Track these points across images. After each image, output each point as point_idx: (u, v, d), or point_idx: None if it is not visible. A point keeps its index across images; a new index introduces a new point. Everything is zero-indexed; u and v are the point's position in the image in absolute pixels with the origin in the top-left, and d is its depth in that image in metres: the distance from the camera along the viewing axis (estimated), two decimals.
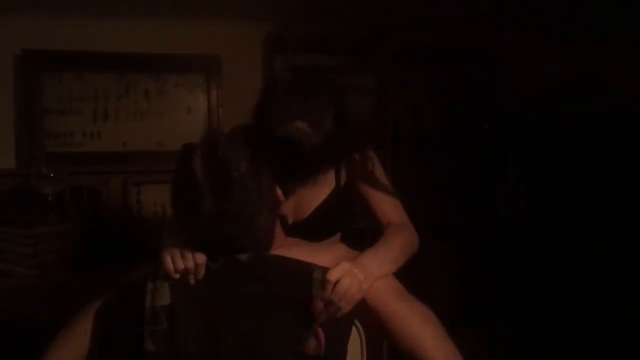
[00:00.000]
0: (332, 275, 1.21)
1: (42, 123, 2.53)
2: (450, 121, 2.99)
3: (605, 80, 2.89)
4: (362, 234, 1.68)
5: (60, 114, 2.57)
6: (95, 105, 2.61)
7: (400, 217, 1.55)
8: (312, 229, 1.55)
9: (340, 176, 1.57)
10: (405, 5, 2.86)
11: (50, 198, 2.29)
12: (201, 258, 1.22)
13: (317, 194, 1.56)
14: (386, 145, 2.76)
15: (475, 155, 2.95)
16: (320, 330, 1.17)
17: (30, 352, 1.29)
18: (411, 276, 1.48)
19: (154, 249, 1.30)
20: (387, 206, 1.55)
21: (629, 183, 2.64)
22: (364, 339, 1.27)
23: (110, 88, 2.63)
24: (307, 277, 1.22)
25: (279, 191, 1.32)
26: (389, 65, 2.84)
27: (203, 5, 2.67)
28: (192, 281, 1.22)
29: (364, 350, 1.27)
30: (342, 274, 1.22)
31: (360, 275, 1.24)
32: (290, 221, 1.56)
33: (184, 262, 1.21)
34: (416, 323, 1.22)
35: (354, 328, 1.25)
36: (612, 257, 2.60)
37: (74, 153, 2.56)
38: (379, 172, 1.59)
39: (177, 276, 1.22)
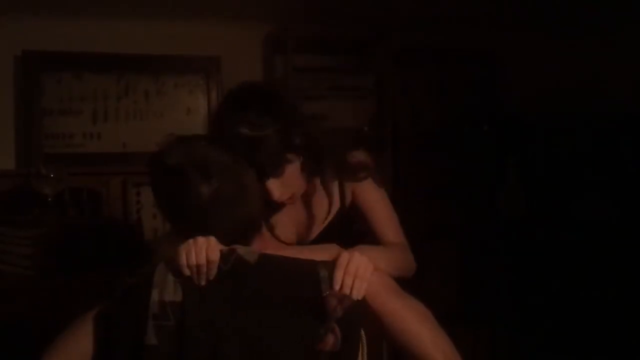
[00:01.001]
0: (342, 261, 1.23)
1: (42, 123, 2.53)
2: (450, 121, 2.99)
3: (605, 80, 2.89)
4: (361, 235, 1.68)
5: (60, 115, 2.57)
6: (95, 106, 2.62)
7: (400, 240, 1.56)
8: None
9: (345, 196, 1.57)
10: (405, 5, 2.86)
11: (49, 199, 2.29)
12: (215, 255, 1.22)
13: (320, 215, 1.56)
14: (386, 145, 2.76)
15: (475, 155, 2.95)
16: (336, 327, 1.18)
17: (30, 352, 1.29)
18: (411, 276, 1.48)
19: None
20: (388, 228, 1.56)
21: (628, 183, 2.64)
22: (364, 339, 1.27)
23: (110, 89, 2.63)
24: (314, 275, 1.22)
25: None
26: (389, 65, 2.84)
27: (202, 6, 2.68)
28: (203, 282, 1.22)
29: (364, 351, 1.27)
30: (348, 259, 1.24)
31: (364, 257, 1.26)
32: (294, 243, 1.55)
33: (196, 257, 1.21)
34: (414, 321, 1.23)
35: None
36: (611, 257, 2.60)
37: (73, 154, 2.57)
38: (373, 183, 1.59)
39: (188, 272, 1.21)
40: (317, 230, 1.56)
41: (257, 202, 1.32)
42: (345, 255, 1.25)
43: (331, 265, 1.24)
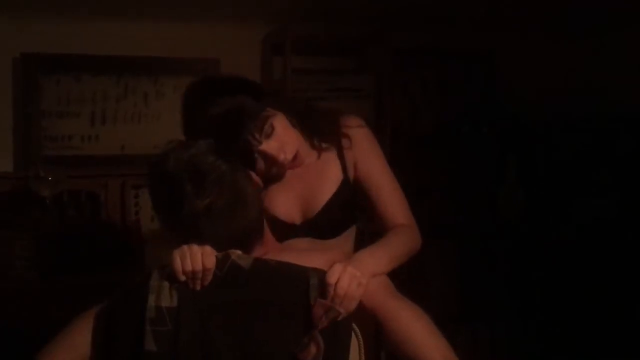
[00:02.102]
0: (332, 278, 1.21)
1: (41, 126, 2.53)
2: (449, 121, 2.99)
3: (605, 80, 2.88)
4: (361, 234, 1.67)
5: (58, 117, 2.57)
6: (94, 108, 2.62)
7: (406, 216, 1.52)
8: (324, 225, 1.52)
9: (347, 168, 1.54)
10: (405, 5, 2.85)
11: (48, 201, 2.30)
12: (210, 262, 1.21)
13: (323, 188, 1.53)
14: (385, 145, 2.75)
15: (474, 155, 2.95)
16: (319, 337, 1.17)
17: (29, 353, 1.29)
18: (411, 276, 1.47)
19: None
20: (394, 204, 1.52)
21: (627, 183, 2.63)
22: (361, 341, 1.26)
23: (109, 91, 2.63)
24: (305, 282, 1.22)
25: (255, 177, 1.35)
26: (388, 66, 2.83)
27: (201, 8, 2.67)
28: (198, 287, 1.22)
29: (362, 352, 1.26)
30: (339, 274, 1.22)
31: (357, 272, 1.24)
32: (299, 221, 1.53)
33: (192, 263, 1.20)
34: (410, 321, 1.22)
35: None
36: (611, 257, 2.59)
37: (72, 156, 2.57)
38: (374, 147, 1.57)
39: (184, 278, 1.21)
40: (320, 204, 1.52)
41: (255, 210, 1.31)
42: (335, 271, 1.22)
43: (323, 274, 1.23)
